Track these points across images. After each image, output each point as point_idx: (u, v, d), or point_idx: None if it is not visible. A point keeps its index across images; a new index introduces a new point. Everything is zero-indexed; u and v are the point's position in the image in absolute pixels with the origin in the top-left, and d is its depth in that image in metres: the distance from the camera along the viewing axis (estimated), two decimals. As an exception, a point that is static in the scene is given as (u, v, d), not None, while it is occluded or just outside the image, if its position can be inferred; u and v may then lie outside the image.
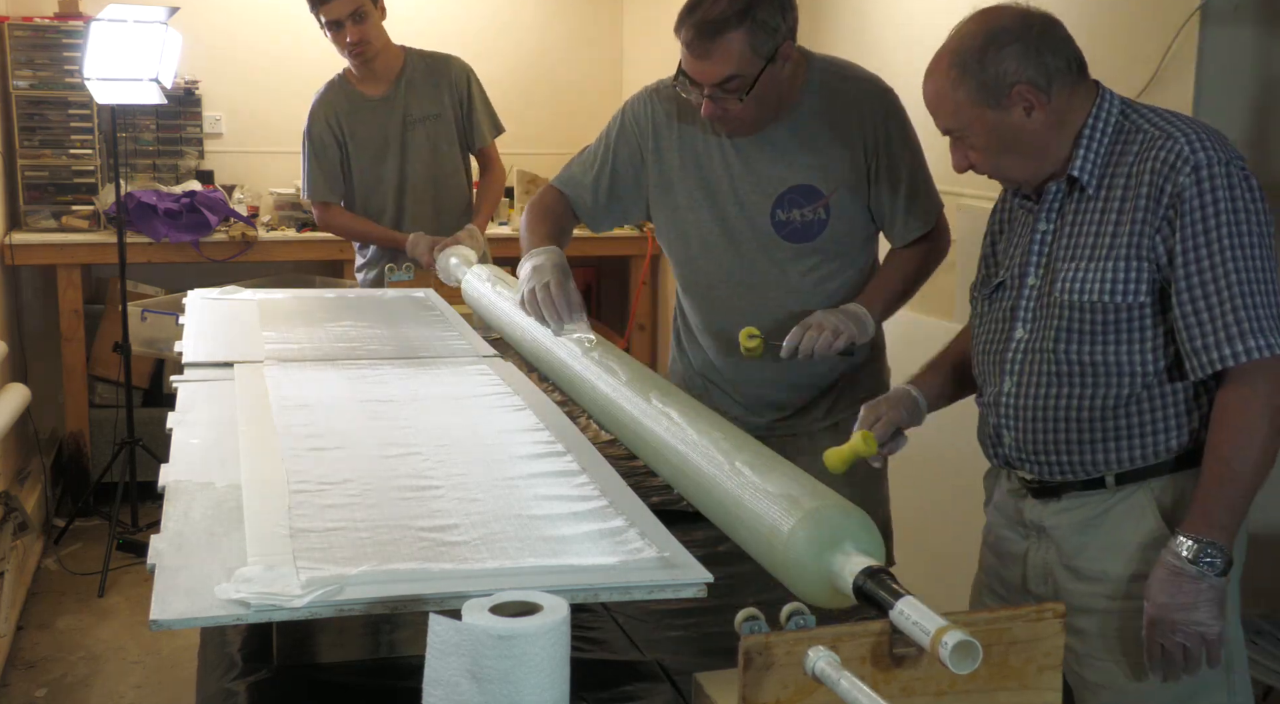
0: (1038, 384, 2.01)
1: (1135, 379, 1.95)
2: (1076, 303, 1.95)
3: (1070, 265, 1.96)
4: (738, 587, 1.91)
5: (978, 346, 2.15)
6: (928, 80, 2.00)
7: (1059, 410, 2.00)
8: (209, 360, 2.55)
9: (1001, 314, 2.09)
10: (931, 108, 2.01)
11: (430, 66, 4.15)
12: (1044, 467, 2.05)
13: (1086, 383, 1.97)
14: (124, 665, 3.92)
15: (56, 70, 5.09)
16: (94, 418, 5.21)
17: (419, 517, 1.65)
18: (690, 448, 1.74)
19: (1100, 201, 1.95)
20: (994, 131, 1.95)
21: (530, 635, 1.16)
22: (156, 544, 1.54)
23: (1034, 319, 2.02)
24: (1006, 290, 2.08)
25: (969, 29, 1.97)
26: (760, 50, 2.34)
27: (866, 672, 1.24)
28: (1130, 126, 1.95)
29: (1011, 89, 1.92)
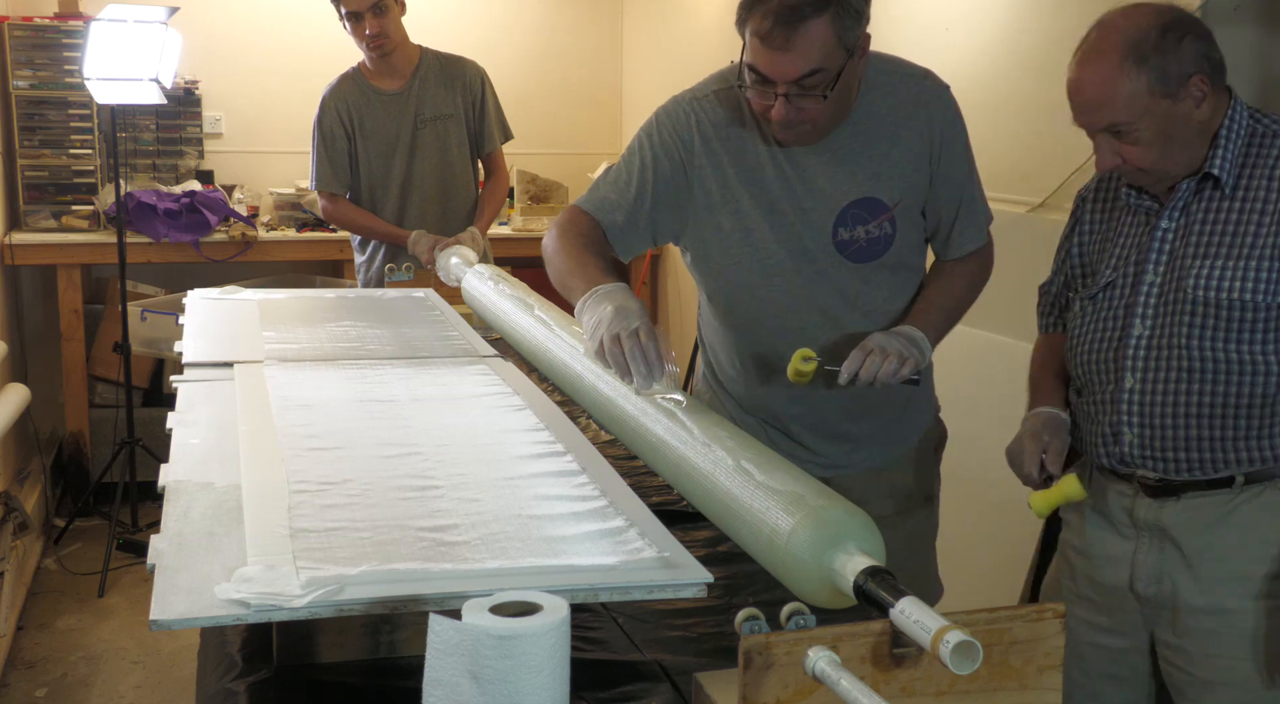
0: (1165, 380, 2.03)
1: (1271, 377, 1.98)
2: (1213, 300, 1.98)
3: (1204, 263, 1.99)
4: (738, 586, 1.92)
5: (1081, 348, 2.16)
6: (1089, 74, 1.97)
7: (1189, 406, 2.02)
8: (209, 360, 2.54)
9: (1112, 312, 2.10)
10: (1094, 102, 1.97)
11: (445, 67, 4.18)
12: (1168, 464, 2.06)
13: (1219, 379, 1.99)
14: (124, 665, 3.92)
15: (56, 70, 5.09)
16: (94, 418, 5.21)
17: (419, 516, 1.65)
18: (690, 447, 1.74)
19: (1237, 201, 1.99)
20: (1164, 123, 1.96)
21: (530, 635, 1.16)
22: (156, 544, 1.54)
23: (1156, 315, 2.04)
24: (1117, 288, 2.10)
25: (1138, 21, 1.95)
26: (846, 39, 2.07)
27: (866, 671, 1.24)
28: (1263, 131, 2.01)
29: (1189, 79, 1.94)
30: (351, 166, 4.13)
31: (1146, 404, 2.05)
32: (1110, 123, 1.97)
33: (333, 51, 5.59)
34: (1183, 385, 2.02)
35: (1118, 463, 2.12)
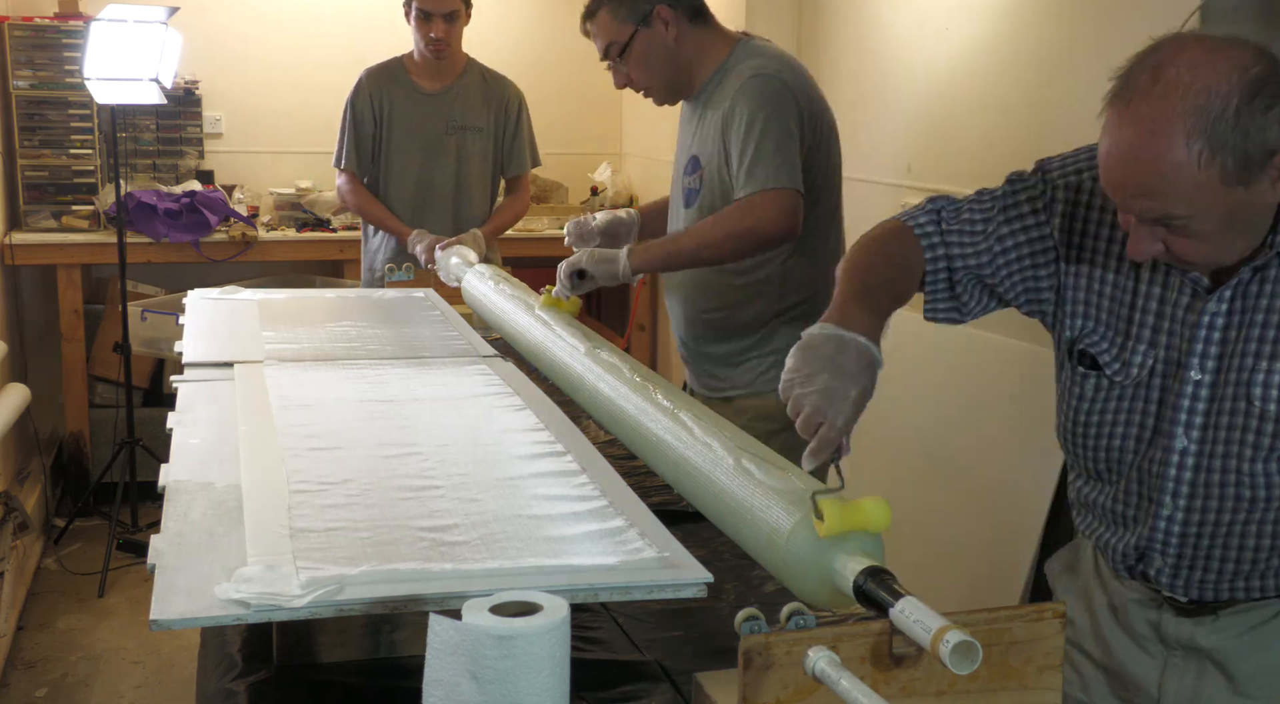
0: (1217, 509, 1.64)
1: None
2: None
3: (1273, 366, 1.57)
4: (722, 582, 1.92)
5: (1095, 435, 1.74)
6: (1136, 151, 1.47)
7: (1245, 538, 1.64)
8: (209, 360, 2.55)
9: (1145, 410, 1.68)
10: (1141, 187, 1.48)
11: (488, 80, 4.25)
12: (1205, 591, 1.69)
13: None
14: (124, 666, 3.92)
15: (56, 70, 5.09)
16: (94, 418, 5.21)
17: (419, 516, 1.65)
18: (690, 447, 1.74)
19: None
20: (1234, 213, 1.49)
21: (530, 635, 1.16)
22: (156, 544, 1.54)
23: (1205, 426, 1.62)
24: (1153, 378, 1.67)
25: (1211, 80, 1.43)
26: (628, 17, 2.78)
27: (866, 672, 1.24)
28: None
29: (1272, 158, 1.45)
30: (372, 153, 4.16)
31: (1190, 536, 1.66)
32: (1162, 214, 1.49)
33: (333, 51, 5.62)
34: (1239, 516, 1.63)
35: (1134, 577, 1.76)
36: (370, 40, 5.30)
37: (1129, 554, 1.73)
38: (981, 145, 3.62)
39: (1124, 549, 1.73)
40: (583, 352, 2.25)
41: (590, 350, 2.25)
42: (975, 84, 3.64)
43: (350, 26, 5.71)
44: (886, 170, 4.09)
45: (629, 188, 6.02)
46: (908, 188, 3.93)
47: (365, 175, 4.19)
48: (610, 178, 5.96)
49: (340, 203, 4.48)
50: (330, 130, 4.24)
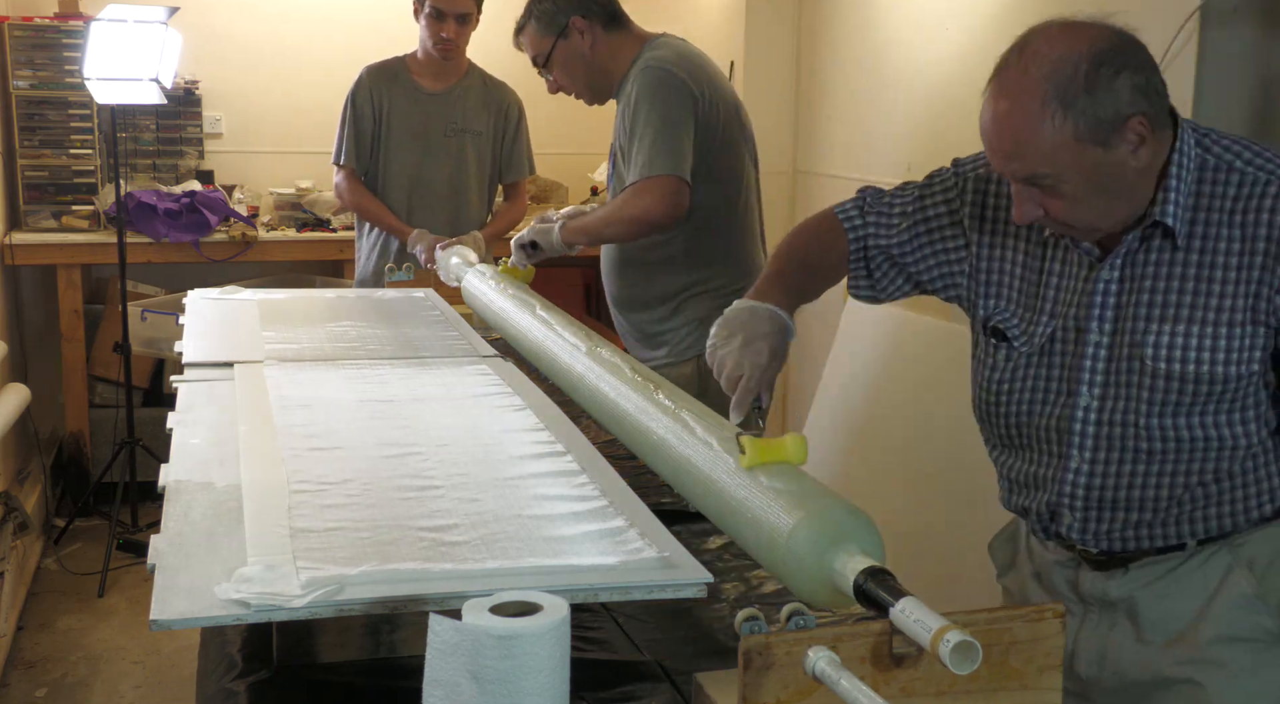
0: (1119, 460, 1.76)
1: (1237, 450, 1.73)
2: (1177, 372, 1.69)
3: (1162, 327, 1.69)
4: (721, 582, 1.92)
5: (1006, 402, 1.86)
6: (1003, 117, 1.64)
7: (1145, 489, 1.76)
8: (209, 360, 2.55)
9: (1053, 373, 1.80)
10: (1010, 150, 1.64)
11: (487, 85, 4.26)
12: (1114, 542, 1.81)
13: (1179, 459, 1.74)
14: (124, 666, 3.92)
15: (56, 70, 5.08)
16: (94, 418, 5.21)
17: (419, 516, 1.65)
18: (691, 447, 1.74)
19: (1194, 254, 1.68)
20: (1094, 175, 1.63)
21: (530, 636, 1.16)
22: (156, 544, 1.54)
23: (1105, 385, 1.75)
24: (1059, 344, 1.79)
25: (1060, 51, 1.60)
26: (547, 31, 3.05)
27: (866, 672, 1.24)
28: (1216, 162, 1.68)
29: (1126, 122, 1.60)
30: (371, 151, 4.16)
31: (1095, 488, 1.78)
32: (1030, 174, 1.64)
33: (333, 51, 5.61)
34: (1138, 466, 1.75)
35: (1050, 538, 1.89)
36: (370, 40, 5.29)
37: (1043, 514, 1.86)
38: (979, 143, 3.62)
39: (1039, 509, 1.86)
40: (583, 351, 2.25)
41: (590, 350, 2.25)
42: (974, 83, 3.62)
43: (350, 26, 5.71)
44: (886, 169, 4.09)
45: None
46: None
47: (364, 172, 4.19)
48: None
49: (338, 200, 4.48)
50: (330, 130, 4.24)
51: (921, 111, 3.93)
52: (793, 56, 4.88)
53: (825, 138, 4.59)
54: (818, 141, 4.67)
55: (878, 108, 4.20)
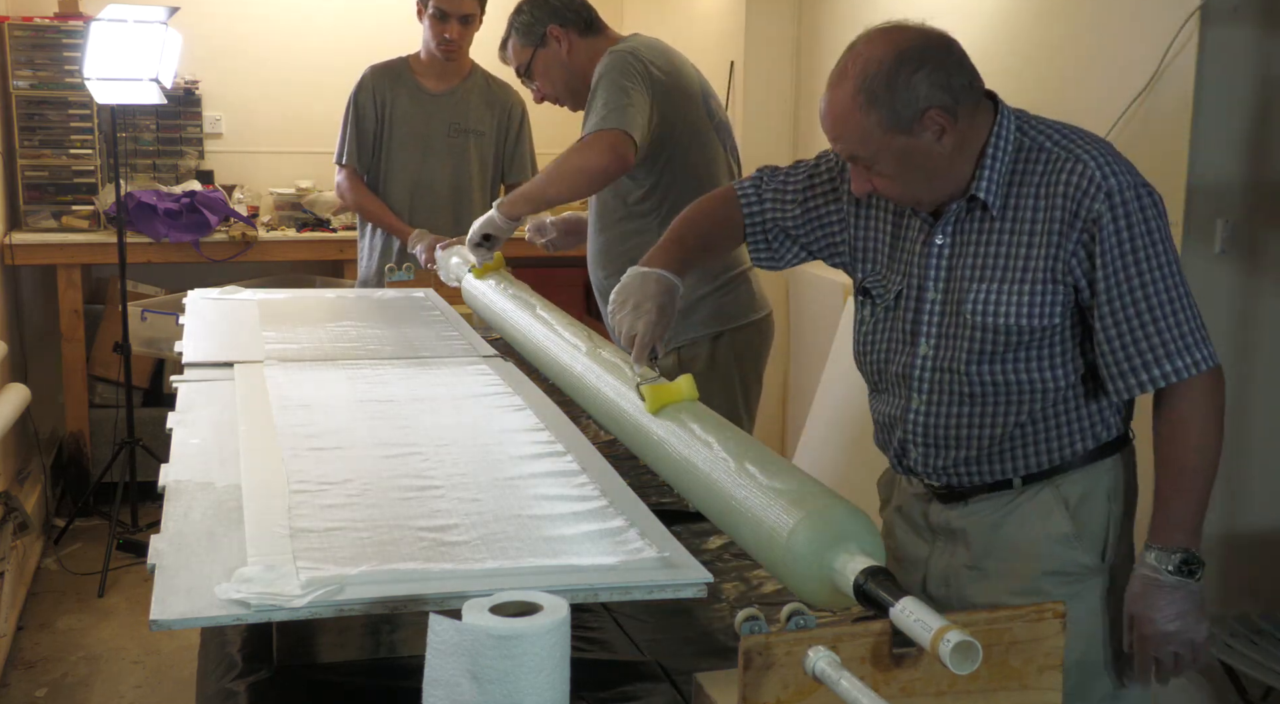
0: (949, 403, 2.01)
1: (1047, 395, 1.96)
2: (990, 325, 1.93)
3: (979, 286, 1.94)
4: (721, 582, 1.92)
5: (875, 356, 2.11)
6: (829, 106, 1.93)
7: (971, 428, 2.00)
8: (209, 360, 2.55)
9: (902, 326, 2.05)
10: (834, 133, 1.94)
11: (490, 86, 4.27)
12: (951, 477, 2.05)
13: (999, 401, 1.97)
14: (124, 666, 3.92)
15: (56, 70, 5.08)
16: (94, 418, 5.21)
17: (419, 516, 1.65)
18: (691, 447, 1.74)
19: (1006, 222, 1.93)
20: (905, 157, 1.90)
21: (530, 636, 1.16)
22: (156, 544, 1.54)
23: (939, 336, 2.00)
24: (904, 301, 2.04)
25: (873, 52, 1.89)
26: (526, 41, 3.18)
27: (866, 672, 1.24)
28: (1031, 144, 1.94)
29: (923, 114, 1.86)
30: (373, 151, 4.17)
31: (931, 426, 2.02)
32: (851, 154, 1.94)
33: (333, 51, 5.62)
34: (964, 408, 1.99)
35: (904, 473, 2.13)
36: (370, 40, 5.29)
37: (897, 450, 2.11)
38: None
39: (895, 446, 2.11)
40: (583, 351, 2.25)
41: (590, 350, 2.25)
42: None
43: (350, 27, 5.72)
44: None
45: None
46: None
47: (366, 172, 4.19)
48: (610, 178, 5.95)
49: (339, 199, 4.48)
50: (330, 130, 4.24)
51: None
52: (793, 56, 4.87)
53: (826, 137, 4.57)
54: (819, 141, 4.65)
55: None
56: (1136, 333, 1.87)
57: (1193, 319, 1.88)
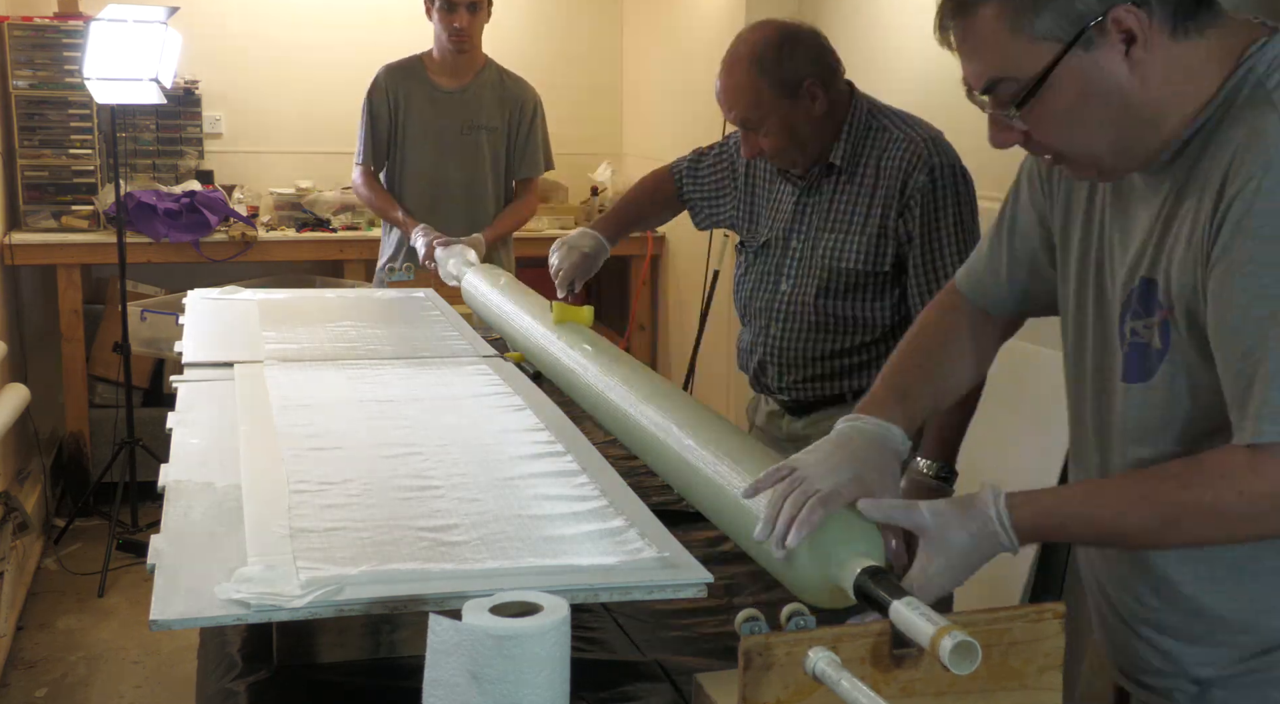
0: (799, 330, 2.49)
1: (875, 329, 2.43)
2: (837, 268, 2.42)
3: (831, 236, 2.43)
4: (738, 587, 1.92)
5: (743, 292, 2.61)
6: (725, 80, 2.38)
7: (815, 352, 2.48)
8: (209, 360, 2.55)
9: (769, 267, 2.54)
10: (729, 101, 2.39)
11: (505, 81, 4.26)
12: (799, 391, 2.53)
13: (838, 331, 2.45)
14: (124, 666, 3.92)
15: (56, 70, 5.08)
16: (94, 418, 5.21)
17: (419, 516, 1.65)
18: (691, 448, 1.74)
19: (854, 185, 2.41)
20: (787, 119, 2.36)
21: (530, 636, 1.16)
22: (156, 544, 1.54)
23: (796, 276, 2.49)
24: (772, 247, 2.54)
25: (760, 34, 2.37)
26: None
27: (866, 672, 1.24)
28: (877, 125, 2.42)
29: (803, 82, 2.34)
30: (388, 150, 4.17)
31: (787, 348, 2.51)
32: (742, 119, 2.39)
33: (334, 51, 5.62)
34: (813, 335, 2.47)
35: (761, 389, 2.62)
36: (372, 39, 5.30)
37: (756, 370, 2.60)
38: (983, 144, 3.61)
39: (754, 366, 2.60)
40: (583, 352, 2.25)
41: (591, 351, 2.25)
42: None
43: (351, 26, 5.72)
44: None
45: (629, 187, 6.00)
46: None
47: (381, 171, 4.19)
48: (610, 178, 5.95)
49: (356, 197, 4.47)
50: (331, 130, 4.25)
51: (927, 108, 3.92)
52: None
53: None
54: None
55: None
56: (938, 275, 2.34)
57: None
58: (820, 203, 2.46)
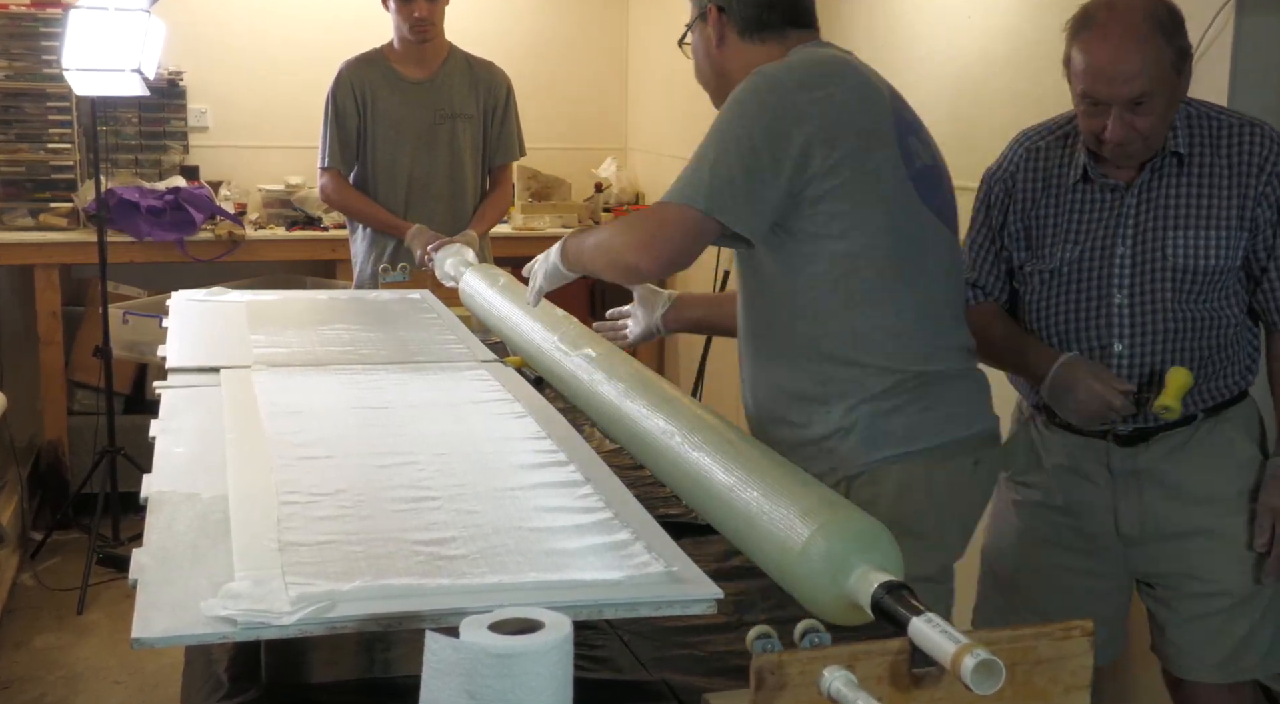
0: (1152, 342, 2.36)
1: (1228, 328, 2.37)
2: (1191, 266, 2.32)
3: (1178, 233, 2.33)
4: (749, 603, 1.92)
5: (1053, 318, 2.44)
6: (1120, 46, 2.19)
7: (1175, 362, 2.34)
8: (194, 365, 2.55)
9: (1086, 283, 2.39)
10: (1125, 73, 2.19)
11: (473, 67, 4.26)
12: (1149, 416, 2.36)
13: (1195, 334, 2.35)
14: (105, 686, 3.93)
15: (34, 61, 5.10)
16: (73, 425, 5.22)
17: (415, 529, 1.65)
18: (700, 456, 1.74)
19: (1194, 175, 2.32)
20: (1171, 96, 2.25)
21: (531, 654, 1.16)
22: (139, 558, 1.55)
23: (1133, 284, 2.36)
24: (1087, 261, 2.39)
25: (1144, 4, 2.21)
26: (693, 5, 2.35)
27: (884, 692, 1.24)
28: (1197, 113, 2.35)
29: (1187, 58, 2.25)
30: (358, 149, 4.16)
31: (1136, 366, 2.37)
32: (1139, 93, 2.20)
33: (324, 41, 5.62)
34: (1168, 344, 2.35)
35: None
36: (363, 29, 5.30)
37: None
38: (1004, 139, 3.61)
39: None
40: (586, 356, 2.25)
41: (595, 356, 2.25)
42: (997, 75, 3.64)
43: (342, 15, 5.72)
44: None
45: (634, 184, 6.02)
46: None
47: (352, 172, 4.18)
48: (615, 173, 5.96)
49: (325, 204, 4.47)
50: (321, 124, 4.24)
51: (944, 104, 3.93)
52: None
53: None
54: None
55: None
56: None
57: None
58: (1160, 198, 2.34)
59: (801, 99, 2.07)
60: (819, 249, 2.10)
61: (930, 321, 2.18)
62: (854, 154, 2.08)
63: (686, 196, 2.04)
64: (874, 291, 2.12)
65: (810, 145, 2.05)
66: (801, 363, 2.17)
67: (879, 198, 2.10)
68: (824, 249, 2.10)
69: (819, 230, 2.09)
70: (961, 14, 3.77)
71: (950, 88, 3.90)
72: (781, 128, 2.05)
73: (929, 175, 2.21)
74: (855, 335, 2.13)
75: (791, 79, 2.11)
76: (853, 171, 2.07)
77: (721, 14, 2.24)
